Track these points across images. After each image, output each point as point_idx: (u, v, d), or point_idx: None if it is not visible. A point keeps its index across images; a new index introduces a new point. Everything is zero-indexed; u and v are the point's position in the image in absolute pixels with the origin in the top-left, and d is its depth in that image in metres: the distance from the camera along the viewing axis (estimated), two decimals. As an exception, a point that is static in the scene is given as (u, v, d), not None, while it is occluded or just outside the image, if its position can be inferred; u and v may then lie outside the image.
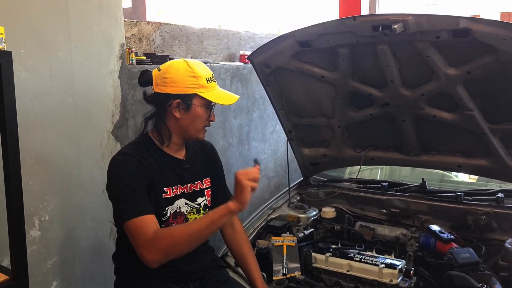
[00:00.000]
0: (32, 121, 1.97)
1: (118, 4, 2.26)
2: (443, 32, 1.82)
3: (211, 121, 1.73)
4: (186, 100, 1.64)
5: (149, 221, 1.54)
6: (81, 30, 2.11)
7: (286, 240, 2.23)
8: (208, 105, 1.67)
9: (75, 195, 2.17)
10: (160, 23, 2.88)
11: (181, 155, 1.76)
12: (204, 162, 1.86)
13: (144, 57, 2.55)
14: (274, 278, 2.02)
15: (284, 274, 2.04)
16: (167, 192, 1.69)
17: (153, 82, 1.66)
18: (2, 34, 1.47)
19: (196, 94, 1.64)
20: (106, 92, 2.27)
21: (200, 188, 1.80)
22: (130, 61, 2.43)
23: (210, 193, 1.85)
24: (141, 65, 2.45)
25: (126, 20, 2.57)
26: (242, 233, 1.98)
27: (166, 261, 1.54)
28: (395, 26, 1.84)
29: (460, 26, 1.77)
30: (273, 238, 2.25)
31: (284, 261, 2.10)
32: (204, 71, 1.67)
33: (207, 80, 1.65)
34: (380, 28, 1.89)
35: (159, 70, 1.66)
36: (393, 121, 2.38)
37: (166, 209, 1.68)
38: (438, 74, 2.02)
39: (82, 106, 2.16)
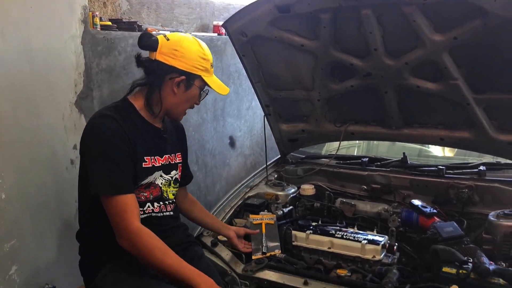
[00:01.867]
0: (-17, 88, 1.77)
1: (79, -40, 2.06)
2: (431, -6, 1.73)
3: (196, 104, 1.73)
4: (190, 79, 1.61)
5: (133, 205, 1.49)
6: (37, -12, 1.90)
7: (265, 218, 2.14)
8: (205, 89, 1.68)
9: (35, 172, 1.99)
10: (127, -13, 2.69)
11: (158, 125, 1.70)
12: (176, 135, 1.83)
13: (110, 23, 2.37)
14: (253, 257, 1.93)
15: (263, 253, 1.95)
16: (146, 162, 1.62)
17: (158, 49, 1.58)
18: None
19: (199, 76, 1.62)
20: (67, 59, 2.08)
21: (175, 161, 1.76)
22: (94, 26, 2.24)
23: (181, 167, 1.81)
24: (106, 31, 2.27)
25: (89, -19, 2.36)
26: (195, 200, 2.03)
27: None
28: (382, -13, 1.73)
29: (450, -14, 1.68)
30: (251, 216, 2.16)
31: (263, 239, 2.01)
32: (210, 55, 1.66)
33: (211, 65, 1.67)
34: (365, -11, 1.78)
35: (167, 39, 1.60)
36: (375, 93, 2.30)
37: (145, 179, 1.62)
38: (424, 40, 1.94)
39: (41, 74, 1.96)
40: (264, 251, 1.95)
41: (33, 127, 1.97)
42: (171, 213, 1.73)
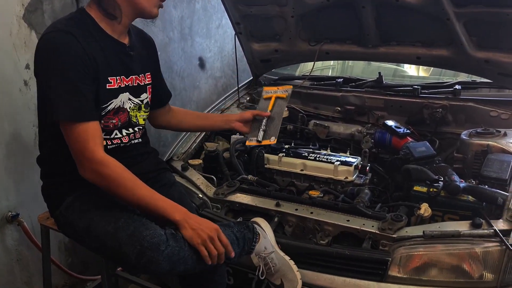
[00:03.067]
0: None
1: None
2: None
3: None
4: None
5: (96, 134, 1.34)
6: None
7: (279, 90, 1.87)
8: None
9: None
10: None
11: (124, 40, 1.49)
12: (146, 54, 1.61)
13: None
14: (247, 143, 1.79)
15: (258, 141, 1.74)
16: (111, 83, 1.44)
17: None
18: None
19: None
20: (10, -34, 1.83)
21: (144, 83, 1.56)
22: None
23: (151, 90, 1.61)
24: None
25: None
26: (178, 108, 1.88)
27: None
28: None
29: None
30: (265, 88, 1.92)
31: (263, 124, 1.76)
32: None
33: None
34: None
35: None
36: (352, 8, 2.16)
37: (110, 102, 1.44)
38: None
39: (-22, -18, 1.73)
40: (259, 139, 1.74)
41: (-24, 44, 1.78)
42: (140, 140, 1.59)
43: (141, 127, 1.59)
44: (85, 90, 1.33)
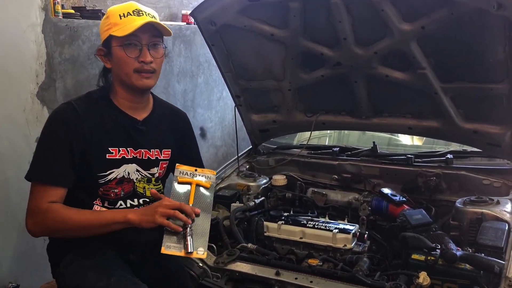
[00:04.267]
0: None
1: None
2: (400, -18, 1.73)
3: (144, 62, 1.49)
4: (106, 44, 1.50)
5: (52, 193, 1.41)
6: (-7, -28, 1.80)
7: (199, 174, 1.54)
8: (123, 42, 1.47)
9: (-5, 168, 1.91)
10: (90, -26, 2.59)
11: (139, 115, 1.59)
12: (170, 131, 1.69)
13: (73, 11, 2.27)
14: (163, 251, 1.41)
15: (188, 253, 1.39)
16: (112, 153, 1.52)
17: None
18: None
19: (111, 35, 1.47)
20: (28, 49, 1.99)
21: (156, 157, 1.63)
22: (56, 14, 2.15)
23: (165, 166, 1.67)
24: (68, 19, 2.18)
25: (49, -33, 2.26)
26: None
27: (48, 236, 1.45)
28: (351, -25, 1.72)
29: (418, -25, 1.68)
30: (179, 166, 1.56)
31: (189, 229, 1.39)
32: (121, 8, 1.49)
33: (120, 16, 1.47)
34: (334, -23, 1.76)
35: None
36: (345, 82, 2.30)
37: (110, 172, 1.51)
38: (392, 30, 1.94)
39: (-2, 64, 1.87)
40: (189, 250, 1.36)
41: (-8, 119, 1.89)
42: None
43: (147, 200, 1.62)
44: (59, 155, 1.43)
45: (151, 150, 1.60)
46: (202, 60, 3.23)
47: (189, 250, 1.35)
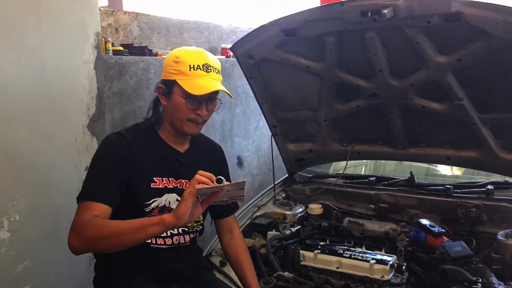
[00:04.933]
0: (-1, 113, 1.83)
1: (93, -11, 2.14)
2: (434, 17, 1.77)
3: (199, 115, 1.56)
4: (168, 85, 1.56)
5: (95, 208, 1.42)
6: (53, 16, 1.98)
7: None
8: (187, 95, 1.51)
9: (48, 194, 2.04)
10: (137, 13, 2.77)
11: (181, 148, 1.67)
12: (208, 163, 1.74)
13: (122, 48, 2.44)
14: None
15: (218, 180, 1.37)
16: (156, 182, 1.59)
17: None
18: (-38, 14, 1.35)
19: (175, 81, 1.53)
20: (80, 84, 2.14)
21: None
22: (106, 52, 2.31)
23: None
24: (118, 56, 2.34)
25: (102, 8, 2.45)
26: (240, 240, 1.88)
27: (89, 252, 1.47)
28: (385, 11, 1.77)
29: (452, 10, 1.71)
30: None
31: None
32: (193, 58, 1.53)
33: (190, 67, 1.51)
34: (369, 13, 1.82)
35: None
36: (381, 113, 2.32)
37: (152, 200, 1.58)
38: (428, 62, 1.96)
39: (54, 98, 2.03)
40: (219, 178, 1.35)
41: (46, 150, 2.03)
42: (188, 243, 1.68)
43: (186, 229, 1.67)
44: (109, 180, 1.47)
45: (191, 180, 1.67)
46: (240, 91, 3.34)
47: (219, 177, 1.35)
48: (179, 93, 1.52)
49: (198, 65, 1.51)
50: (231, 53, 3.09)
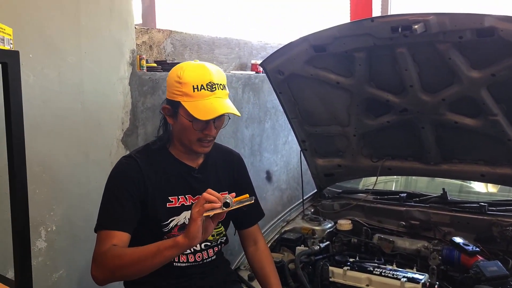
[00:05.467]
0: (40, 127, 1.91)
1: (129, 9, 2.22)
2: (466, 32, 1.75)
3: (208, 134, 1.52)
4: (173, 106, 1.51)
5: (113, 237, 1.43)
6: (91, 35, 2.07)
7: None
8: (193, 117, 1.45)
9: (83, 205, 2.10)
10: (171, 31, 2.85)
11: (194, 163, 1.64)
12: (226, 174, 1.72)
13: (155, 64, 2.51)
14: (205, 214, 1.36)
15: (225, 204, 1.35)
16: (172, 202, 1.58)
17: None
18: (10, 35, 1.43)
19: (180, 103, 1.47)
20: (116, 99, 2.22)
21: None
22: (141, 68, 2.39)
23: None
24: (151, 72, 2.41)
25: (137, 27, 2.54)
26: (265, 252, 1.84)
27: (114, 281, 1.44)
28: (416, 26, 1.77)
29: (485, 25, 1.70)
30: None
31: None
32: (196, 77, 1.46)
33: (194, 88, 1.44)
34: (400, 29, 1.82)
35: None
36: (412, 128, 2.29)
37: (170, 219, 1.56)
38: (461, 77, 1.94)
39: (91, 113, 2.11)
40: (226, 201, 1.33)
41: (82, 163, 2.10)
42: (214, 257, 1.67)
43: (209, 243, 1.65)
44: (123, 206, 1.47)
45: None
46: (269, 106, 3.38)
47: (226, 201, 1.32)
48: (185, 115, 1.48)
49: (202, 85, 1.45)
50: (261, 69, 3.13)
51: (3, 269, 1.78)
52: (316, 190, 2.90)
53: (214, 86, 1.47)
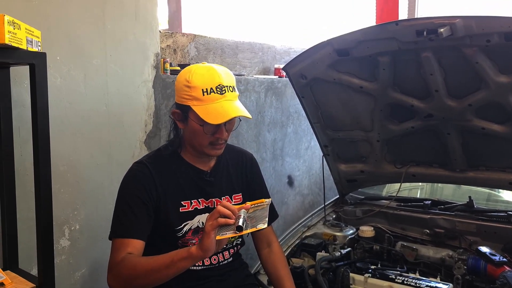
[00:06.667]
0: (65, 128, 1.96)
1: (154, 13, 2.26)
2: (494, 36, 1.70)
3: (219, 138, 1.51)
4: (183, 110, 1.50)
5: (127, 245, 1.44)
6: (117, 38, 2.11)
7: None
8: (203, 122, 1.44)
9: (106, 205, 2.13)
10: (195, 35, 2.89)
11: (206, 166, 1.64)
12: (238, 175, 1.71)
13: (179, 68, 2.54)
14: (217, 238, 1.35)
15: (238, 228, 1.30)
16: (185, 206, 1.57)
17: None
18: (38, 37, 1.47)
19: (190, 107, 1.45)
20: (140, 102, 2.25)
21: None
22: (165, 71, 2.42)
23: None
24: (174, 76, 2.42)
25: (161, 31, 2.58)
26: (279, 254, 1.82)
27: None
28: (441, 30, 1.73)
29: (513, 28, 1.65)
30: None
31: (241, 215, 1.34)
32: (205, 80, 1.44)
33: (203, 92, 1.43)
34: (425, 32, 1.79)
35: None
36: (437, 134, 2.25)
37: (184, 224, 1.56)
38: (488, 82, 1.89)
39: (115, 115, 2.14)
40: (239, 224, 1.28)
41: (106, 164, 2.14)
42: (230, 259, 1.67)
43: (225, 246, 1.63)
44: (136, 213, 1.47)
45: (222, 198, 1.62)
46: (292, 110, 3.37)
47: (239, 224, 1.27)
48: (195, 119, 1.47)
49: (212, 88, 1.43)
50: (284, 73, 3.13)
51: (27, 266, 1.83)
52: (338, 196, 2.88)
53: (223, 89, 1.45)
